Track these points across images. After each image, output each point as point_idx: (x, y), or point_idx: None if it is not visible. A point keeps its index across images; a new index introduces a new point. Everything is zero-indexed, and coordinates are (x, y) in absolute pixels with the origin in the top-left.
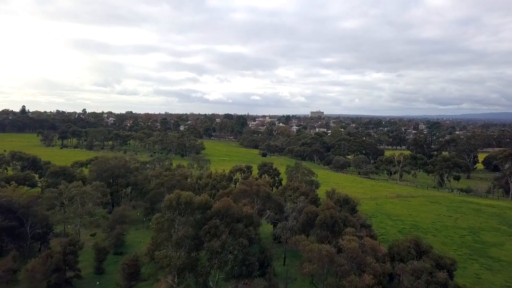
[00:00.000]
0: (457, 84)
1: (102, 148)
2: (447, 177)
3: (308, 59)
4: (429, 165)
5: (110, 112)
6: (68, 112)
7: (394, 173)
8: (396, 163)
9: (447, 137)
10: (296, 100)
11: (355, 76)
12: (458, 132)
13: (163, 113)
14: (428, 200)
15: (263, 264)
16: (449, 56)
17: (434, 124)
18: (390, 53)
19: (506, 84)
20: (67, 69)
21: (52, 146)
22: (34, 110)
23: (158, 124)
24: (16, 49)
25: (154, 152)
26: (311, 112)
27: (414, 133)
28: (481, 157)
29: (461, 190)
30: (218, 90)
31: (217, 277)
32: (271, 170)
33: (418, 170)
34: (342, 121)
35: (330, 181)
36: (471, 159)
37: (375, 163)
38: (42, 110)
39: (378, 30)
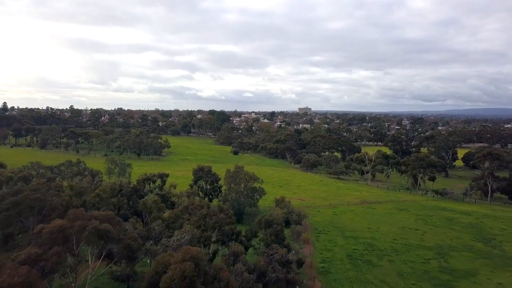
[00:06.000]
0: (441, 81)
1: (57, 147)
2: (421, 178)
3: (298, 58)
4: (402, 165)
5: (102, 109)
6: (56, 109)
7: (367, 172)
8: (367, 162)
9: (428, 133)
10: (287, 97)
11: (343, 74)
12: (440, 128)
13: (154, 109)
14: (396, 207)
15: None
16: (432, 55)
17: (417, 120)
18: (376, 53)
19: (487, 82)
20: (63, 68)
21: (5, 144)
22: (24, 107)
23: (133, 120)
24: (12, 48)
25: (112, 151)
26: (299, 109)
27: (397, 128)
28: (461, 153)
29: (436, 192)
30: (212, 87)
31: None
32: (209, 175)
33: (391, 169)
34: (327, 117)
35: (292, 183)
36: (450, 156)
37: (346, 162)
38: (37, 107)
39: (363, 30)
